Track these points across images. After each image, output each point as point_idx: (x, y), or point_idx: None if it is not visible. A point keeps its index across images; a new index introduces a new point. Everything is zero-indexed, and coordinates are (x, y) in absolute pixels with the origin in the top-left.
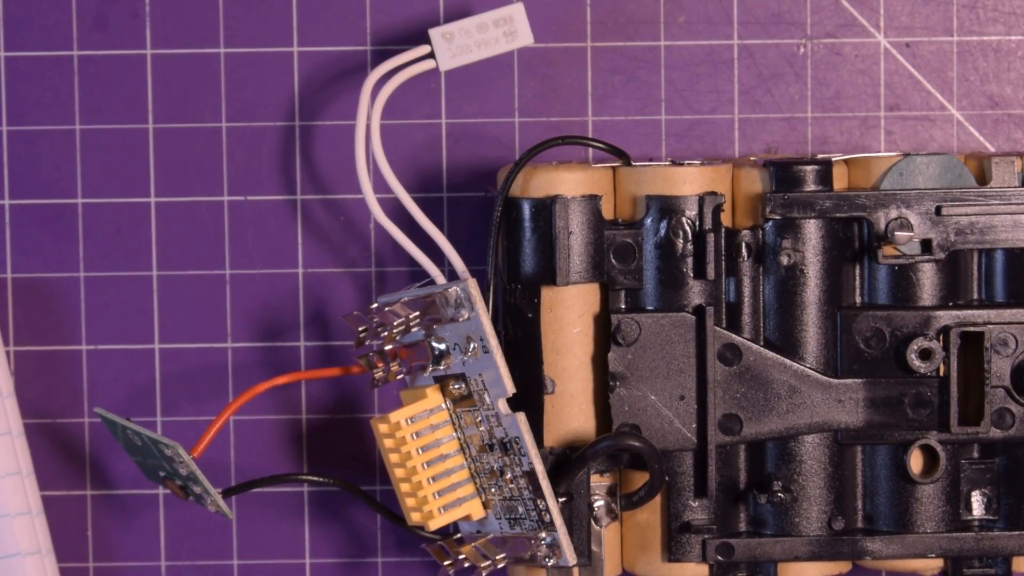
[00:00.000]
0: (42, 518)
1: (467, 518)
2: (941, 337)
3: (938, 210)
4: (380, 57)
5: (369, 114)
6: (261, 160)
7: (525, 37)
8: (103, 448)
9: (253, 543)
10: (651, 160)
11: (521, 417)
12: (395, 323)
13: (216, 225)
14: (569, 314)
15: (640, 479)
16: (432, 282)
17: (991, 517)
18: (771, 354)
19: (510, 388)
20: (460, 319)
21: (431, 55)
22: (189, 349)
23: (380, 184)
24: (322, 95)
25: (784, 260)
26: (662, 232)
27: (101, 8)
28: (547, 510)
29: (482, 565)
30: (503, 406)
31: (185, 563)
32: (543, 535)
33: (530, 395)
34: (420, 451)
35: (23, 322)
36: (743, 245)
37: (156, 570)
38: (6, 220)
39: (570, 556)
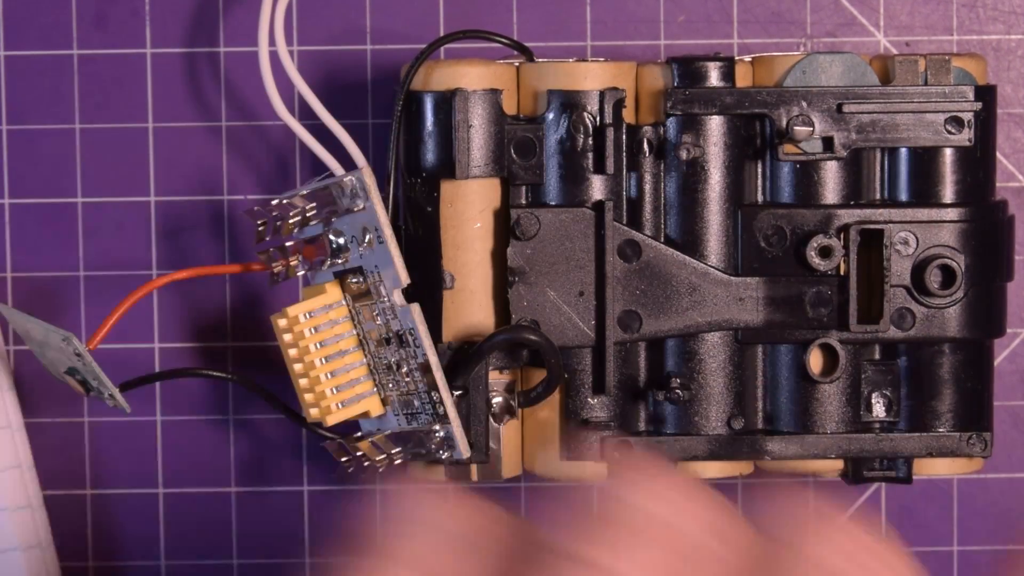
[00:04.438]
0: (42, 512)
1: (366, 415)
2: (842, 236)
3: (839, 107)
4: (380, 57)
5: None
6: (261, 160)
7: None
8: (103, 448)
9: (253, 543)
10: None
11: (415, 308)
12: (291, 214)
13: (216, 225)
14: (469, 209)
15: (541, 378)
16: (332, 175)
17: (892, 419)
18: (671, 251)
19: (404, 278)
20: (356, 209)
21: None
22: (189, 349)
23: (307, 112)
24: (322, 95)
25: (684, 155)
26: (563, 127)
27: (101, 7)
28: (441, 402)
29: (377, 459)
30: (398, 297)
31: (185, 563)
32: (436, 427)
33: (430, 291)
34: (318, 346)
35: None
36: (644, 141)
37: (156, 570)
38: (6, 219)
39: (463, 449)
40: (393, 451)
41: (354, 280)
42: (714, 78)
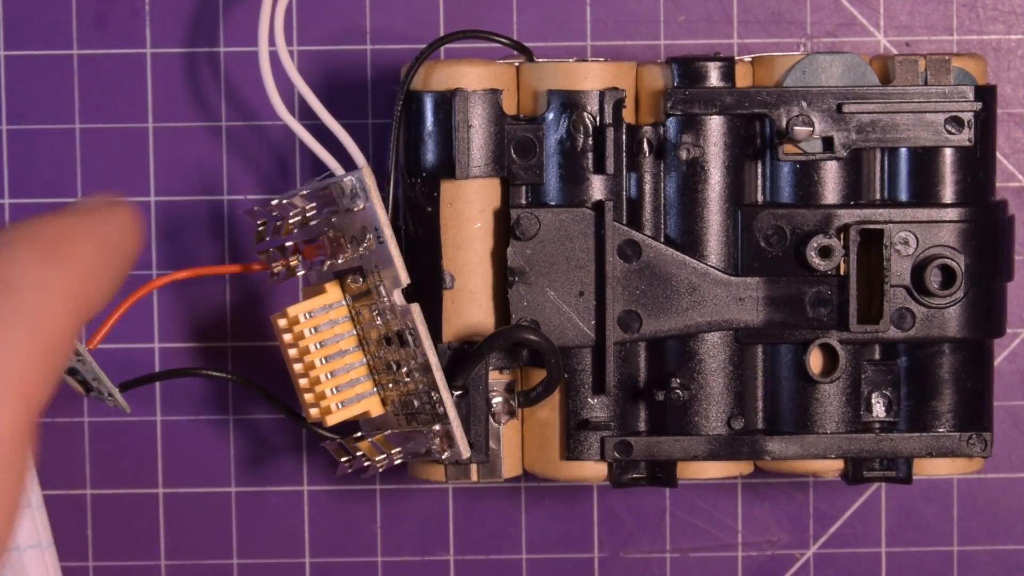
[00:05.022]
0: (42, 511)
1: (366, 415)
2: (842, 236)
3: (839, 107)
4: (380, 57)
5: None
6: (261, 160)
7: None
8: (103, 448)
9: (253, 543)
10: None
11: (415, 308)
12: (291, 214)
13: (216, 225)
14: (469, 209)
15: (541, 378)
16: (332, 175)
17: (892, 419)
18: (671, 251)
19: (404, 278)
20: (356, 209)
21: None
22: (189, 349)
23: (307, 112)
24: (322, 95)
25: (683, 155)
26: (563, 127)
27: (101, 7)
28: (441, 402)
29: (377, 459)
30: (398, 297)
31: (185, 563)
32: (436, 427)
33: (430, 291)
34: (318, 346)
35: None
36: (644, 141)
37: (156, 570)
38: (6, 219)
39: (463, 449)
40: (393, 451)
41: (354, 280)
42: (714, 78)
